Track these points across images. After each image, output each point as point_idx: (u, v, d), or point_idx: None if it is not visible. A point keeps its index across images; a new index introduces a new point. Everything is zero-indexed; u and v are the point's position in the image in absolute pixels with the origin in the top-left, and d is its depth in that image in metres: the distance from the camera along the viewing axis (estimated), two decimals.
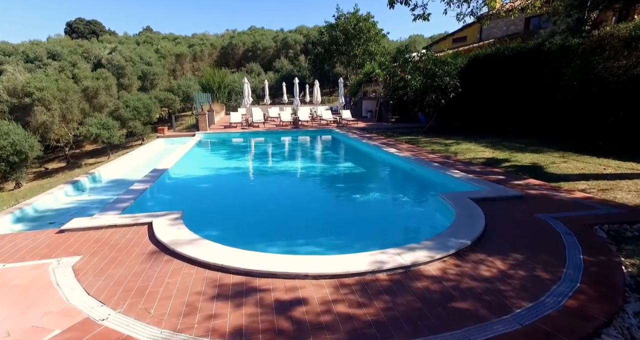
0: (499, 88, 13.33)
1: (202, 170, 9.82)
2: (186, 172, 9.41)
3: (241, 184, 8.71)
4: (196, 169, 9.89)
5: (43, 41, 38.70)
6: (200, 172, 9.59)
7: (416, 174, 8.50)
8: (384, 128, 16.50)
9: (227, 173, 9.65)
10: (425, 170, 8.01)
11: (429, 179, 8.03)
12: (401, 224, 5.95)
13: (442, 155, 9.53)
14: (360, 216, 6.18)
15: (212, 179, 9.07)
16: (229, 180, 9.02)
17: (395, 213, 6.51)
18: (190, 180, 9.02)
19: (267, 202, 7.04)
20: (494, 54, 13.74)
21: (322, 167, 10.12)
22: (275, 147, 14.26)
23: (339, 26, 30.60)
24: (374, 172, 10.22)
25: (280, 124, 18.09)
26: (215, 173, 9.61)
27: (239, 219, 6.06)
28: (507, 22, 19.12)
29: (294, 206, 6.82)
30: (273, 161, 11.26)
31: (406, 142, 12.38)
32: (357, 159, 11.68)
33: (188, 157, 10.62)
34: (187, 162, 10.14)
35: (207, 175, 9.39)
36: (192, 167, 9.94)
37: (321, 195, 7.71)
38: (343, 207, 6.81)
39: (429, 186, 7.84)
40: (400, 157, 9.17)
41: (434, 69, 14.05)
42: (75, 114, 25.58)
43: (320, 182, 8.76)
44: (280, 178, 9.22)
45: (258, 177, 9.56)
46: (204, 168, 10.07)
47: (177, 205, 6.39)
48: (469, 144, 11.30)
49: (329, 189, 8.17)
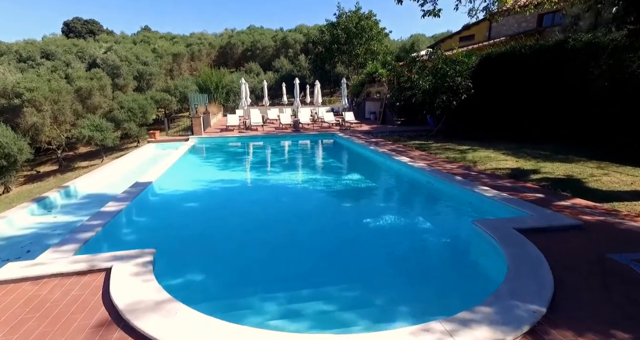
0: (515, 89, 12.21)
1: (191, 184, 8.38)
2: (172, 187, 8.02)
3: (235, 206, 7.14)
4: (185, 183, 8.50)
5: (38, 40, 37.45)
6: (188, 187, 8.15)
7: (437, 190, 7.24)
8: (390, 131, 15.38)
9: (219, 189, 8.16)
10: (447, 186, 6.80)
11: (454, 197, 6.76)
12: (432, 266, 4.51)
13: (460, 165, 8.41)
14: (378, 254, 4.83)
15: (201, 197, 7.53)
16: (220, 199, 7.51)
17: (423, 250, 5.04)
18: (176, 198, 7.53)
19: (263, 230, 5.67)
20: (509, 53, 12.60)
21: (327, 182, 8.63)
22: (274, 155, 12.87)
23: (340, 25, 29.36)
24: (386, 187, 8.71)
25: (279, 126, 16.94)
26: (206, 189, 8.10)
27: (229, 259, 4.71)
28: (518, 19, 17.98)
29: (294, 238, 5.41)
30: (272, 173, 9.76)
31: (416, 148, 11.25)
32: (366, 170, 10.31)
33: (177, 166, 9.36)
34: (175, 174, 8.85)
35: (196, 192, 7.89)
36: (180, 181, 8.59)
37: (328, 224, 5.98)
38: (356, 241, 5.30)
39: (456, 207, 6.54)
40: (415, 168, 8.01)
41: (444, 68, 12.93)
42: (68, 116, 24.36)
43: (325, 204, 7.20)
44: (279, 196, 7.73)
45: (254, 195, 7.96)
46: (194, 182, 8.59)
47: (154, 236, 5.25)
48: (487, 151, 10.18)
49: (336, 215, 6.57)
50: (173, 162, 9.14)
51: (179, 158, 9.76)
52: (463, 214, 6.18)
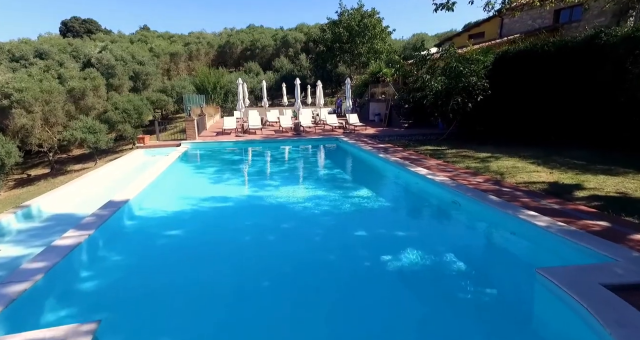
0: (535, 89, 10.99)
1: (175, 204, 6.87)
2: (152, 209, 6.53)
3: (225, 237, 5.52)
4: (168, 202, 7.02)
5: (33, 40, 36.15)
6: (171, 209, 6.63)
7: (468, 213, 5.94)
8: (397, 135, 14.16)
9: (208, 211, 6.63)
10: (481, 208, 5.49)
11: (493, 224, 5.43)
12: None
13: (487, 178, 7.19)
14: (400, 309, 3.57)
15: (185, 224, 5.99)
16: (208, 227, 5.94)
17: (462, 308, 3.51)
18: (153, 226, 5.93)
19: (260, 278, 4.18)
20: (529, 50, 11.37)
21: (334, 201, 6.93)
22: (273, 164, 11.32)
23: (342, 23, 28.03)
24: (404, 208, 7.12)
25: (279, 129, 15.72)
26: (192, 211, 6.55)
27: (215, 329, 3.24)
28: (532, 15, 16.74)
29: (299, 292, 3.92)
30: (270, 188, 8.05)
31: (430, 155, 10.03)
32: (378, 184, 8.98)
33: (162, 180, 8.02)
34: (158, 190, 7.48)
35: (180, 216, 6.34)
36: (162, 200, 7.15)
37: (340, 264, 4.58)
38: (373, 291, 3.90)
39: (499, 240, 5.19)
40: (437, 184, 6.77)
41: (459, 67, 11.71)
42: (60, 117, 23.12)
43: (334, 234, 5.54)
44: (279, 222, 6.03)
45: (249, 220, 6.25)
46: (179, 201, 7.08)
47: (113, 289, 3.99)
48: (511, 159, 8.96)
49: (348, 250, 4.94)
50: (158, 174, 7.89)
51: (166, 168, 8.51)
52: (511, 251, 4.84)
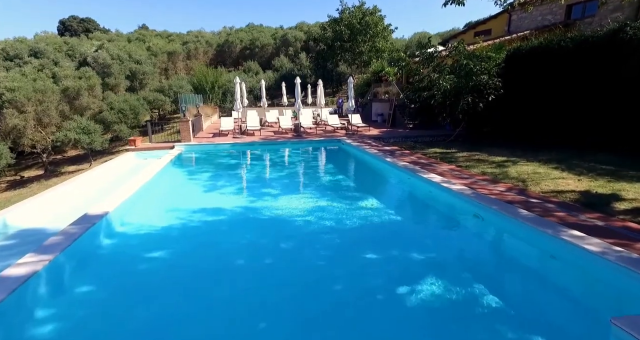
0: (551, 87, 10.21)
1: (160, 219, 5.88)
2: (133, 225, 5.55)
3: (216, 260, 4.61)
4: (153, 215, 6.09)
5: (29, 38, 35.31)
6: (156, 224, 5.61)
7: (496, 230, 5.10)
8: (402, 136, 13.37)
9: (197, 227, 5.57)
10: (508, 223, 4.70)
11: (530, 244, 4.49)
12: None
13: (509, 187, 6.41)
14: None
15: (171, 244, 5.00)
16: (196, 248, 4.93)
17: None
18: (132, 247, 4.92)
19: (256, 313, 3.39)
20: (544, 46, 10.59)
21: (340, 214, 5.94)
22: (272, 169, 10.19)
23: (343, 21, 27.19)
24: (420, 223, 6.06)
25: (279, 130, 14.94)
26: (180, 227, 5.53)
27: None
28: (542, 11, 15.95)
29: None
30: (268, 198, 6.98)
31: (441, 159, 9.24)
32: (388, 194, 7.96)
33: (150, 188, 7.10)
34: (143, 200, 6.54)
35: (165, 233, 5.34)
36: (147, 212, 6.21)
37: (349, 308, 3.55)
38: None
39: (544, 269, 4.18)
40: (454, 193, 5.98)
41: (469, 65, 10.92)
42: (53, 117, 22.28)
43: (343, 257, 4.59)
44: (278, 241, 5.09)
45: (244, 237, 5.29)
46: (166, 214, 6.06)
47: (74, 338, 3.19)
48: (530, 164, 8.17)
49: (360, 279, 4.04)
50: (145, 181, 7.10)
51: (154, 174, 7.71)
52: (561, 286, 3.84)
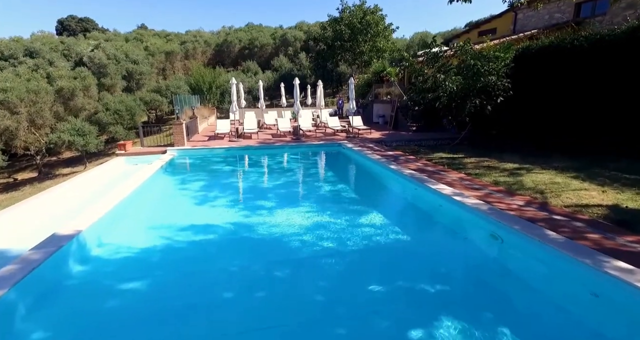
0: (564, 89, 9.61)
1: (141, 237, 5.02)
2: (108, 247, 4.69)
3: (197, 296, 3.70)
4: (133, 233, 5.25)
5: (26, 38, 34.67)
6: (135, 244, 4.76)
7: (519, 256, 4.41)
8: (406, 140, 12.77)
9: (182, 248, 4.70)
10: (533, 247, 4.00)
11: (561, 278, 3.74)
12: None
13: (527, 200, 5.80)
14: None
15: (149, 272, 4.19)
16: (177, 279, 4.06)
17: None
18: (104, 277, 4.06)
19: None
20: (556, 45, 9.98)
21: (341, 234, 5.07)
22: (269, 178, 9.15)
23: (343, 20, 26.56)
24: (430, 249, 5.02)
25: (277, 133, 14.34)
26: (163, 248, 4.71)
27: None
28: (549, 9, 15.33)
29: None
30: (262, 212, 6.05)
31: (448, 165, 8.63)
32: (394, 211, 6.65)
33: (133, 200, 6.29)
34: (125, 215, 5.75)
35: (145, 256, 4.50)
36: (127, 230, 5.41)
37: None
38: None
39: (598, 322, 3.25)
40: (467, 208, 5.31)
41: (477, 65, 10.31)
42: (47, 118, 21.67)
43: (344, 305, 3.54)
44: (272, 270, 4.22)
45: (235, 262, 4.46)
46: (148, 233, 5.22)
47: None
48: (546, 172, 7.57)
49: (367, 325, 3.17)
50: (130, 192, 6.49)
51: (141, 184, 7.10)
52: (607, 332, 3.11)
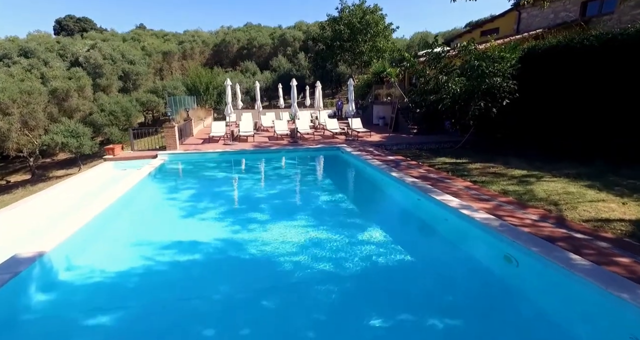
0: (573, 91, 9.15)
1: (118, 258, 4.50)
2: (78, 271, 4.15)
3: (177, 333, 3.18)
4: (110, 253, 4.70)
5: (22, 37, 34.14)
6: (110, 267, 4.22)
7: (540, 284, 3.78)
8: (407, 143, 12.29)
9: (163, 272, 4.20)
10: (556, 274, 3.38)
11: (593, 314, 3.20)
12: None
13: (541, 213, 5.33)
14: None
15: (123, 302, 3.65)
16: (154, 311, 3.51)
17: None
18: (68, 311, 3.49)
19: None
20: (565, 45, 9.51)
21: (338, 260, 4.45)
22: (263, 186, 8.43)
23: (343, 19, 26.06)
24: (436, 272, 4.42)
25: (274, 136, 13.86)
26: (142, 271, 4.19)
27: None
28: (554, 8, 14.86)
29: None
30: (253, 228, 5.47)
31: (452, 172, 8.15)
32: (396, 226, 5.98)
33: (114, 211, 5.78)
34: (102, 229, 5.22)
35: (120, 281, 3.99)
36: (103, 248, 4.88)
37: None
38: None
39: None
40: (476, 223, 4.74)
41: (482, 66, 9.83)
42: (41, 120, 21.14)
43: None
44: (259, 301, 3.64)
45: (218, 292, 3.86)
46: (126, 251, 4.71)
47: None
48: (558, 180, 7.09)
49: None
50: (111, 203, 5.98)
51: (125, 193, 6.61)
52: None
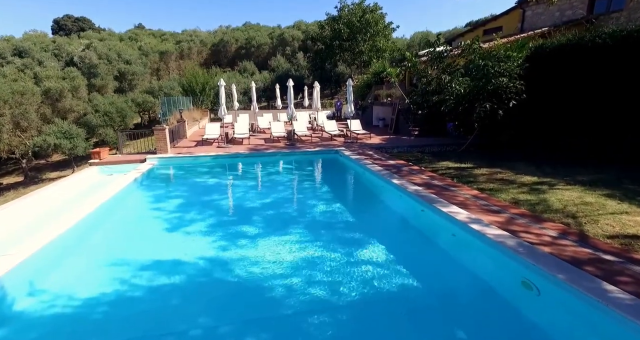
0: (583, 90, 8.61)
1: (88, 282, 3.65)
2: (40, 297, 3.35)
3: None
4: (79, 275, 3.90)
5: (17, 37, 33.59)
6: (78, 293, 3.40)
7: (571, 322, 2.90)
8: (407, 146, 11.73)
9: (139, 296, 3.40)
10: (590, 311, 2.57)
11: None
12: None
13: (560, 228, 4.77)
14: None
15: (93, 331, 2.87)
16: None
17: None
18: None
19: None
20: (575, 43, 8.97)
21: (334, 283, 3.54)
22: (254, 195, 7.18)
23: (342, 18, 25.51)
24: (448, 305, 3.40)
25: (270, 138, 13.31)
26: (115, 298, 3.35)
27: None
28: (560, 6, 14.31)
29: None
30: (243, 244, 4.58)
31: (457, 178, 7.58)
32: (399, 244, 4.79)
33: (92, 223, 5.06)
34: (74, 245, 4.48)
35: (87, 310, 3.16)
36: (72, 268, 4.07)
37: None
38: None
39: None
40: (489, 242, 4.21)
41: (488, 66, 9.28)
42: (33, 121, 20.62)
43: None
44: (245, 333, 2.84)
45: (198, 326, 2.96)
46: (99, 272, 3.87)
47: None
48: (572, 188, 6.52)
49: None
50: (87, 213, 5.38)
51: (104, 202, 6.02)
52: None
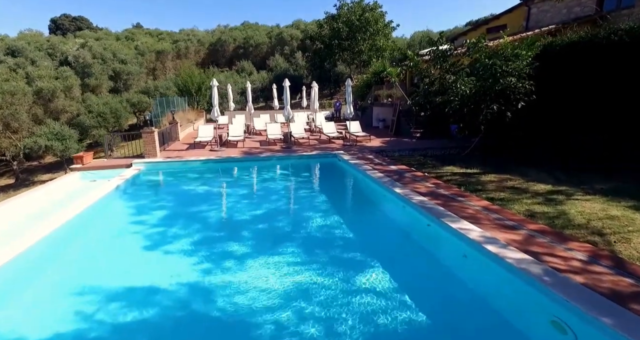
0: (597, 90, 8.06)
1: (49, 312, 3.18)
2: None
3: None
4: (39, 302, 3.39)
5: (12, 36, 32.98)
6: (37, 324, 2.96)
7: None
8: (409, 149, 11.17)
9: (108, 332, 2.84)
10: None
11: None
12: None
13: (589, 250, 4.19)
14: None
15: None
16: None
17: None
18: None
19: None
20: (588, 41, 8.42)
21: (329, 324, 2.86)
22: (244, 206, 6.49)
23: (341, 17, 24.93)
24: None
25: (266, 140, 12.75)
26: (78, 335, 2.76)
27: None
28: (568, 3, 13.74)
29: None
30: (230, 265, 3.99)
31: (464, 186, 7.01)
32: (405, 268, 4.10)
33: (60, 240, 4.57)
34: (36, 266, 4.02)
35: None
36: (31, 293, 3.56)
37: None
38: None
39: None
40: (511, 268, 3.63)
41: (495, 65, 8.72)
42: (24, 122, 20.08)
43: None
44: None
45: None
46: (64, 300, 3.33)
47: None
48: (593, 199, 5.93)
49: None
50: (57, 227, 4.85)
51: (77, 214, 5.47)
52: None
